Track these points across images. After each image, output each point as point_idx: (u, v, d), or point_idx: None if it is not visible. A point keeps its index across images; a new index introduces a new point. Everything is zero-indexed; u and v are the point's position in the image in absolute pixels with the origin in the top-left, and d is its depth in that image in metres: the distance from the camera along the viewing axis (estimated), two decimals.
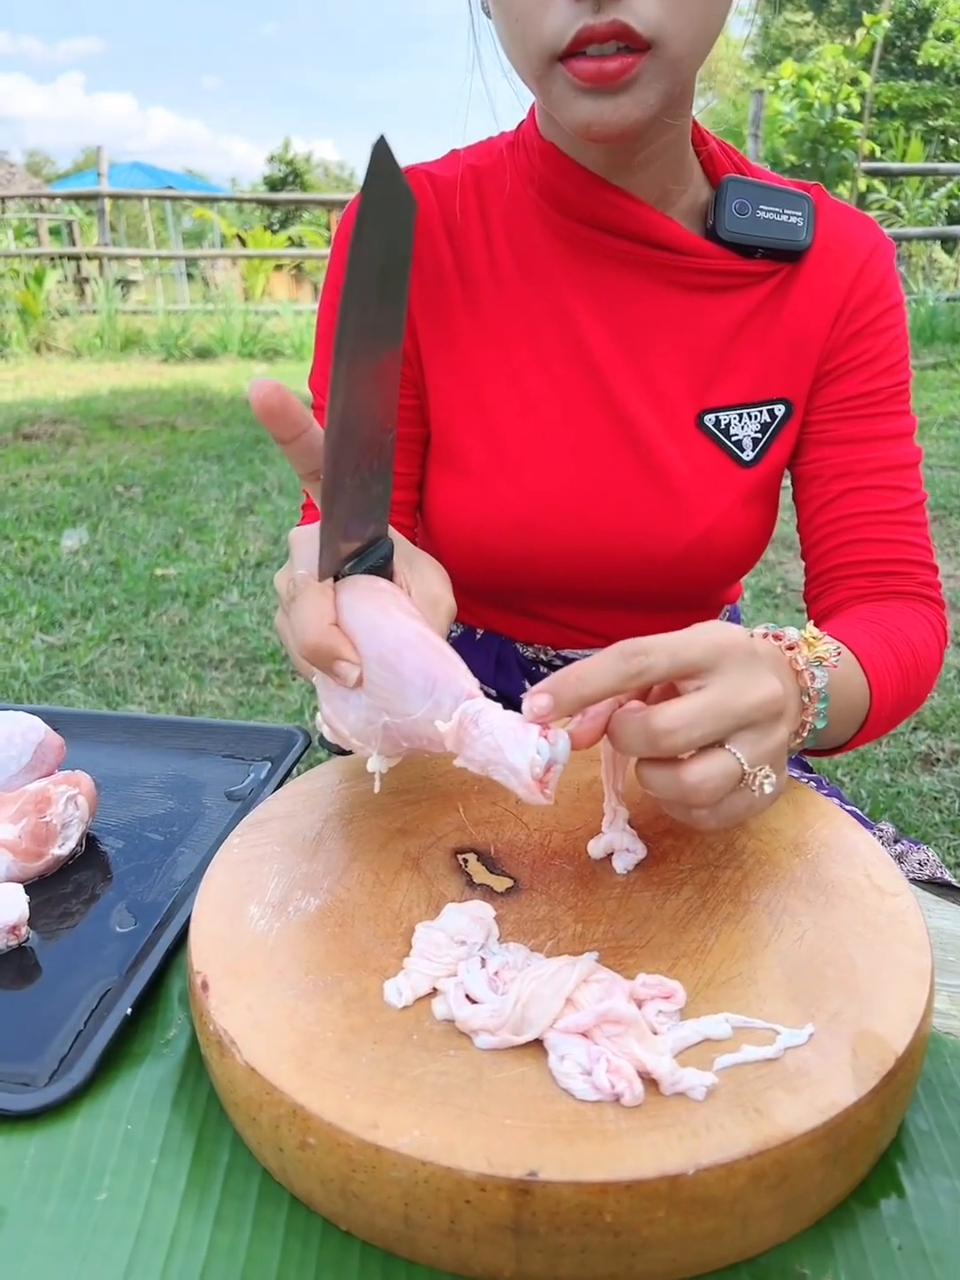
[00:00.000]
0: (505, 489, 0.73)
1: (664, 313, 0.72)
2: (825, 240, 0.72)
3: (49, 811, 0.60)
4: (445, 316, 0.73)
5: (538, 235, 0.72)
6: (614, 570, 0.75)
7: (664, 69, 0.59)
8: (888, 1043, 0.40)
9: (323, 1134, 0.37)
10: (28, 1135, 0.43)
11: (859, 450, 0.74)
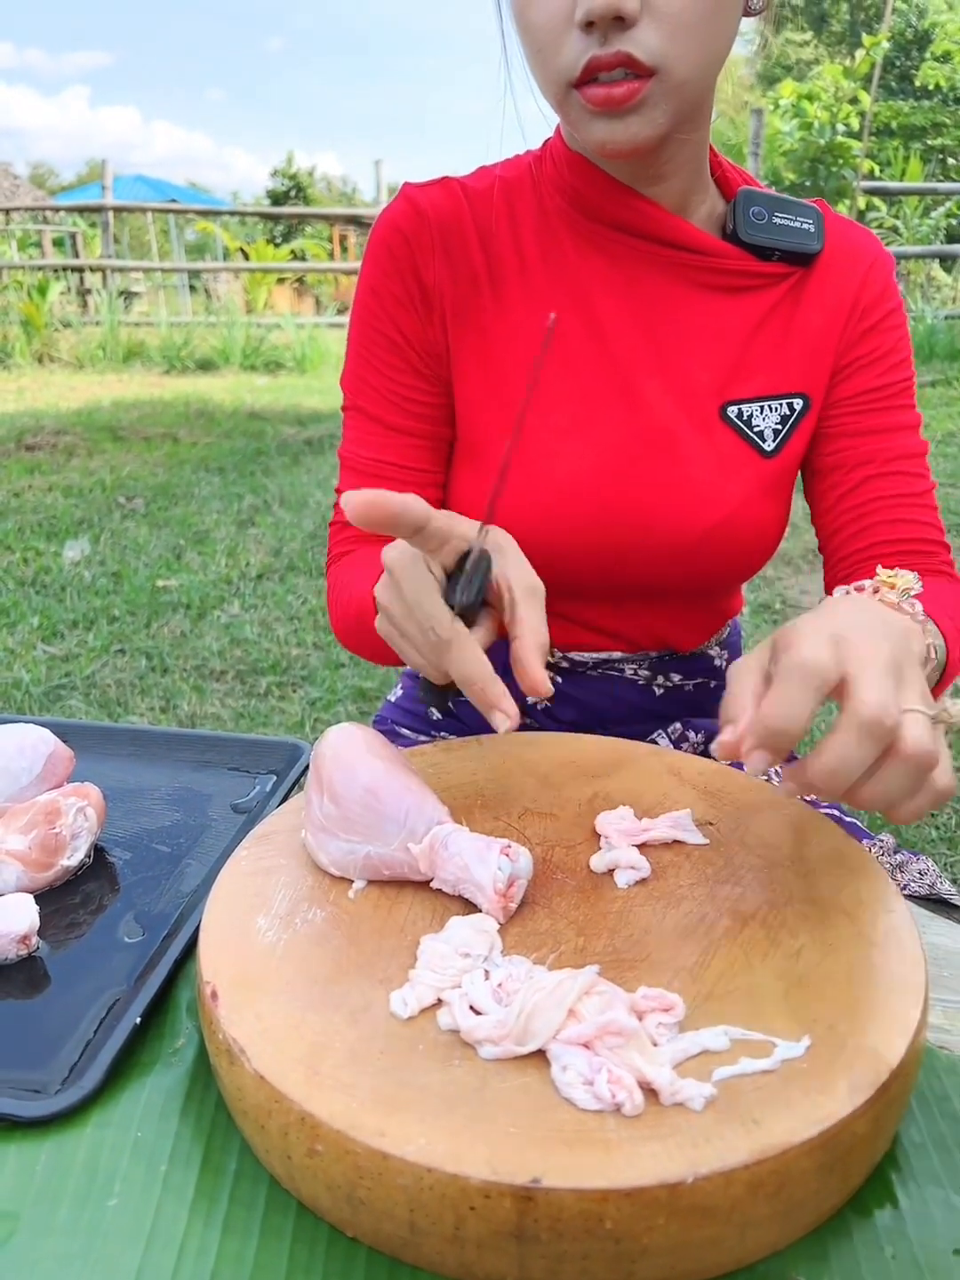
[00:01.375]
0: (531, 482, 0.75)
1: (687, 310, 0.76)
2: (834, 246, 0.77)
3: (58, 823, 0.61)
4: (475, 316, 0.76)
5: (565, 239, 0.76)
6: (634, 558, 0.77)
7: (669, 91, 0.64)
8: (882, 1056, 0.41)
9: (330, 1141, 0.38)
10: (39, 1142, 0.44)
11: (878, 440, 0.78)
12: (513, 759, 0.66)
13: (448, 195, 0.76)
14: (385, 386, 0.78)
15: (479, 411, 0.77)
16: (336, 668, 2.46)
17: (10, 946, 0.54)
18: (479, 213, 0.76)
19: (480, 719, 0.89)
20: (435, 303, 0.76)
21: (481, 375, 0.77)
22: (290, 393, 6.85)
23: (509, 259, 0.76)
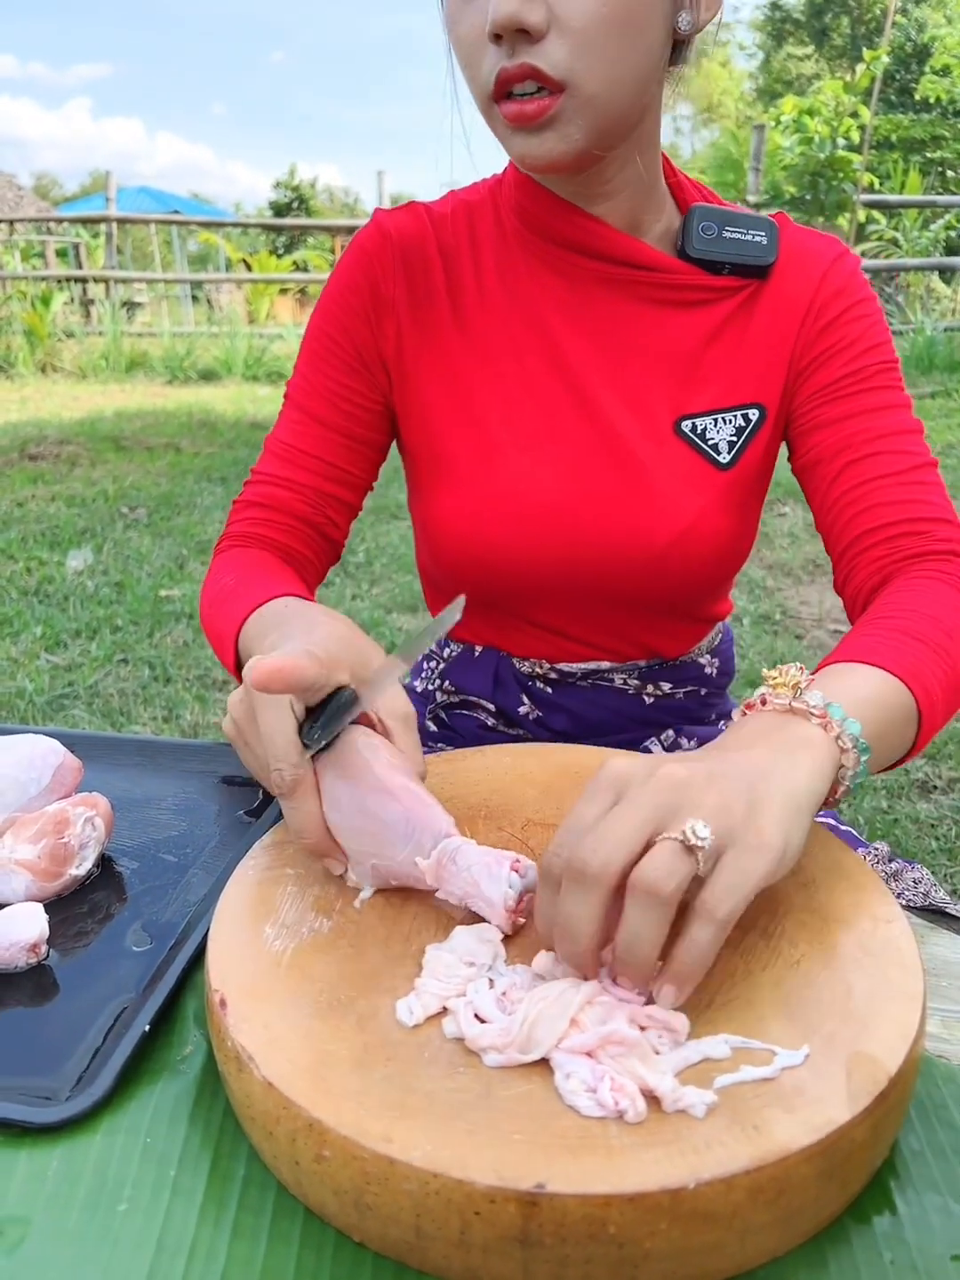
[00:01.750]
0: (496, 496, 0.77)
1: (639, 327, 0.77)
2: (789, 255, 0.77)
3: (67, 833, 0.62)
4: (436, 334, 0.78)
5: (521, 260, 0.78)
6: (601, 570, 0.78)
7: (581, 107, 0.64)
8: (881, 1063, 0.42)
9: (338, 1147, 0.39)
10: (50, 1148, 0.45)
11: (853, 424, 0.74)
12: (514, 770, 0.66)
13: (413, 219, 0.78)
14: (322, 384, 0.80)
15: (444, 428, 0.79)
16: None
17: (20, 955, 0.55)
18: (442, 235, 0.78)
19: (473, 732, 0.91)
20: (389, 318, 0.78)
21: (445, 393, 0.78)
22: None
23: (469, 280, 0.78)
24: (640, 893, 0.42)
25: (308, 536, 0.83)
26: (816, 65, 25.01)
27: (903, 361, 3.30)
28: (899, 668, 0.59)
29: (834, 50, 24.84)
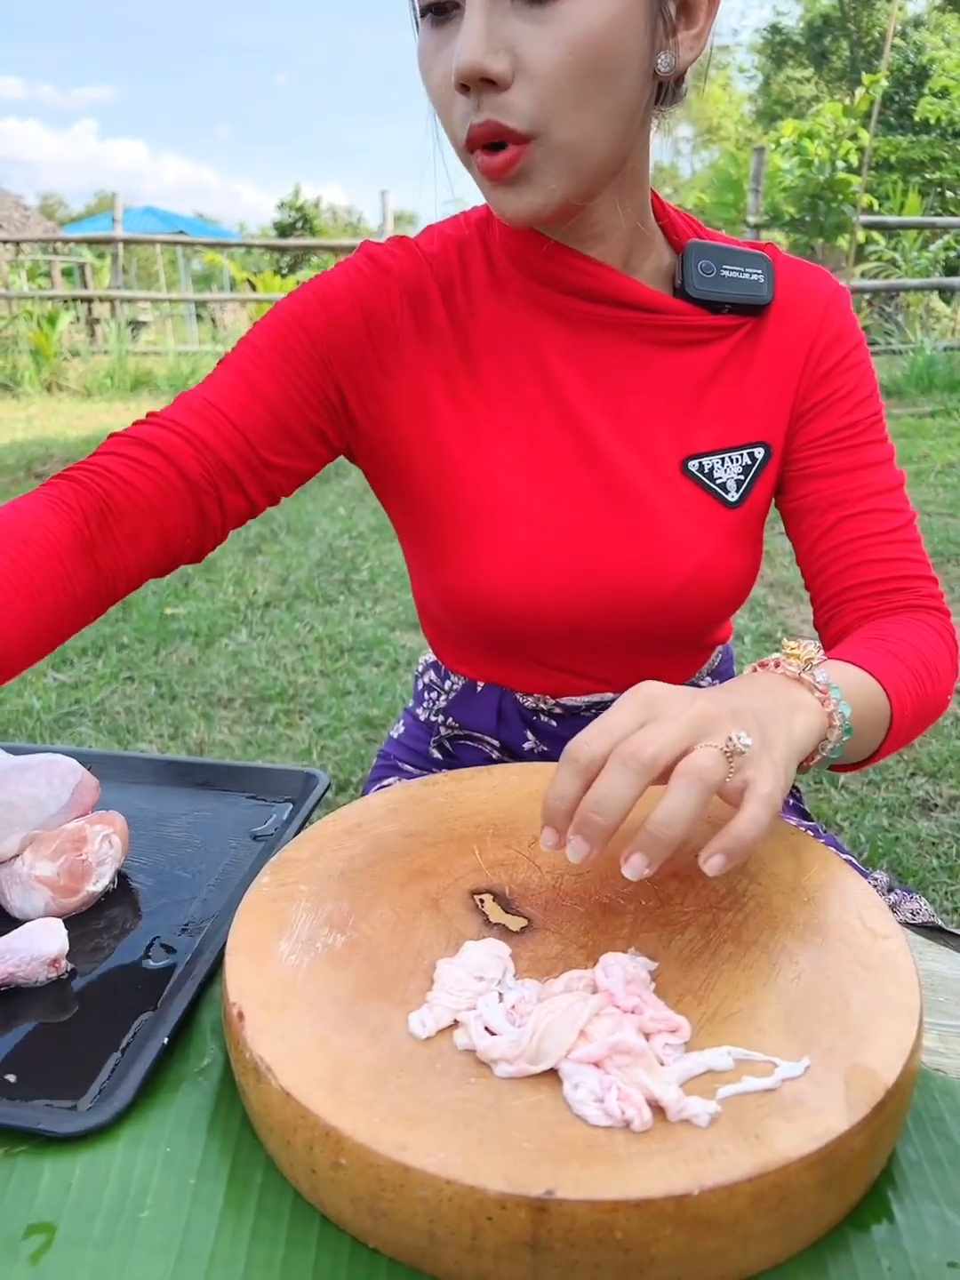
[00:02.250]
0: (501, 547, 0.75)
1: (641, 368, 0.76)
2: (785, 294, 0.77)
3: (85, 850, 0.64)
4: (444, 377, 0.75)
5: (517, 304, 0.75)
6: (611, 614, 0.77)
7: (554, 155, 0.63)
8: (879, 1075, 0.43)
9: (354, 1155, 0.40)
10: (73, 1157, 0.46)
11: (849, 479, 0.77)
12: (522, 789, 0.68)
13: (409, 254, 0.75)
14: (277, 362, 0.71)
15: (447, 479, 0.76)
16: (343, 695, 2.48)
17: (41, 969, 0.56)
18: (439, 274, 0.75)
19: (477, 763, 0.91)
20: (389, 351, 0.74)
21: (454, 439, 0.76)
22: None
23: (468, 321, 0.75)
24: (688, 777, 0.49)
25: (180, 499, 0.68)
26: (816, 88, 25.24)
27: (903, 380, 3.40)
28: (884, 679, 0.67)
29: (833, 73, 25.07)
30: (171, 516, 0.68)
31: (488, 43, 0.58)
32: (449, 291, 0.75)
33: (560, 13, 0.59)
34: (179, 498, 0.68)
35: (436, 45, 0.63)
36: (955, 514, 3.98)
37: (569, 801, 0.51)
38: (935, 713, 0.75)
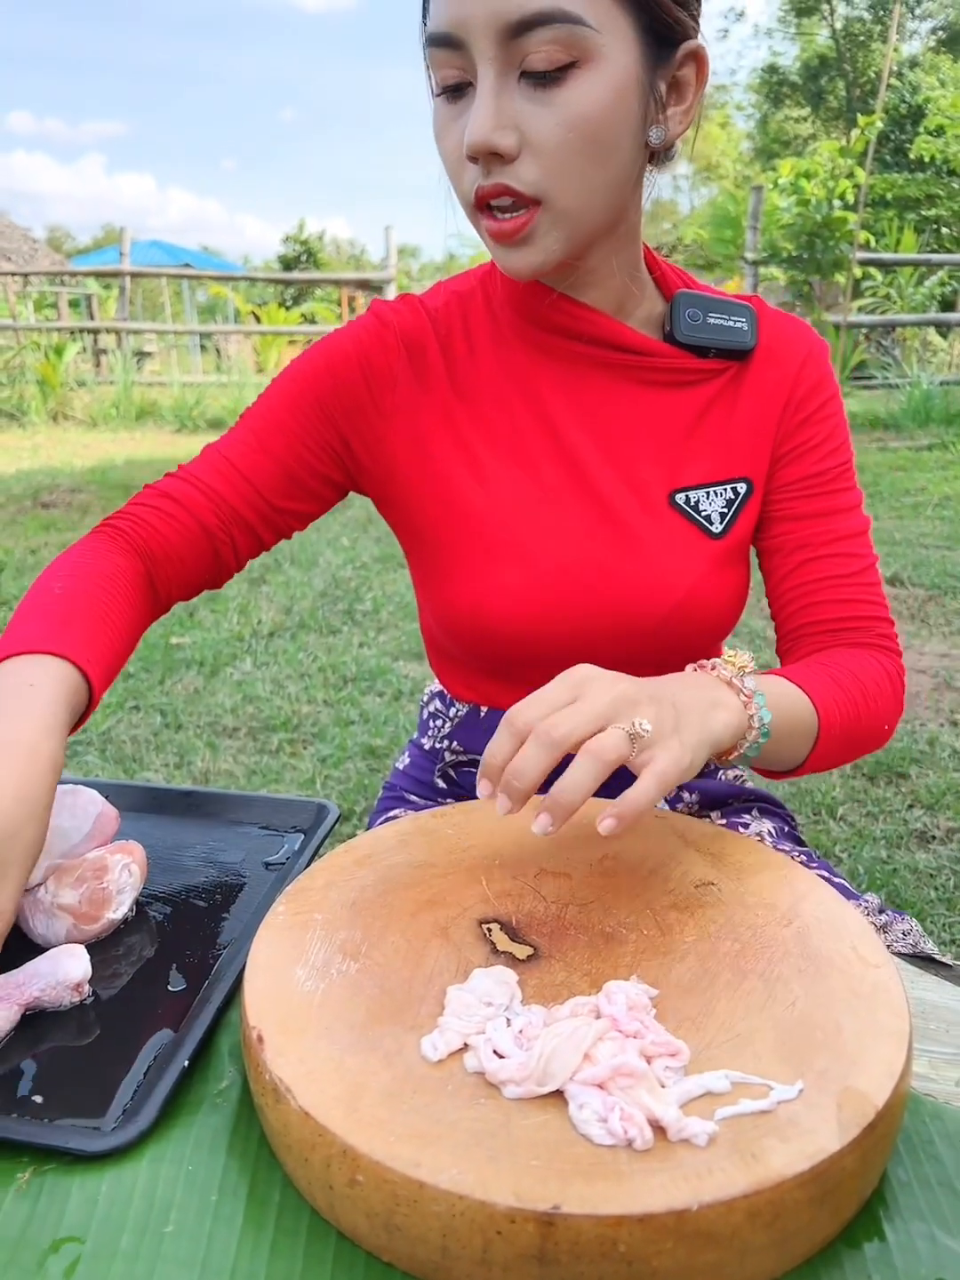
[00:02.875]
0: (501, 573, 0.80)
1: (632, 407, 0.81)
2: (768, 341, 0.83)
3: (106, 879, 0.66)
4: (441, 418, 0.81)
5: (517, 346, 0.82)
6: (604, 639, 0.82)
7: (558, 219, 0.69)
8: (869, 1098, 0.46)
9: (370, 1172, 0.43)
10: (100, 1175, 0.48)
11: (816, 524, 0.84)
12: (527, 821, 0.70)
13: (412, 312, 0.82)
14: (286, 421, 0.81)
15: (449, 512, 0.81)
16: (347, 725, 2.50)
17: (65, 993, 0.58)
18: (438, 326, 0.82)
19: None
20: (388, 396, 0.81)
21: (462, 480, 0.81)
22: None
23: (466, 366, 0.82)
24: (590, 755, 0.57)
25: (198, 545, 0.81)
26: (813, 126, 25.66)
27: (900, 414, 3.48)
28: (815, 696, 0.74)
29: (830, 112, 25.50)
30: (194, 557, 0.81)
31: (496, 120, 0.65)
32: (448, 339, 0.82)
33: (562, 96, 0.65)
34: (199, 543, 0.81)
35: (450, 117, 0.69)
36: (953, 547, 4.02)
37: (500, 760, 0.59)
38: (871, 739, 0.81)
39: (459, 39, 0.65)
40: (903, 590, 3.49)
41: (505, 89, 0.65)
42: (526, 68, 0.65)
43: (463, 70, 0.67)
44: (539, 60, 0.64)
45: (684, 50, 0.69)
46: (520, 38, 0.64)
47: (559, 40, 0.64)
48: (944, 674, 2.80)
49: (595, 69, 0.65)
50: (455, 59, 0.66)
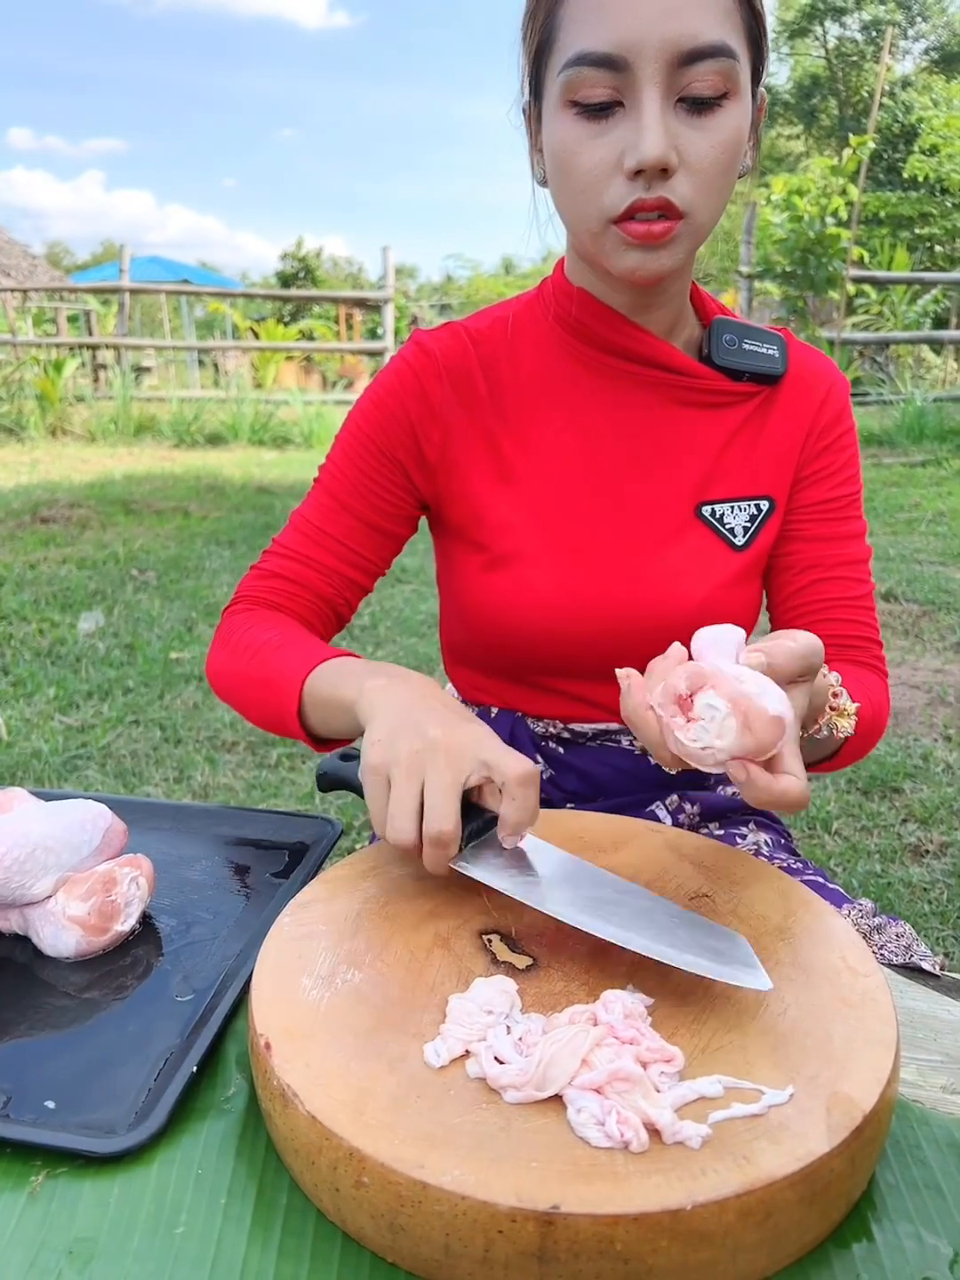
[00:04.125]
0: (535, 575, 0.85)
1: (668, 424, 0.86)
2: (797, 370, 0.88)
3: (115, 891, 0.68)
4: (482, 435, 0.86)
5: (562, 363, 0.87)
6: (626, 643, 0.85)
7: (693, 231, 0.75)
8: (857, 1102, 0.47)
9: (376, 1173, 0.44)
10: (112, 1177, 0.50)
11: (826, 546, 0.89)
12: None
13: (452, 337, 0.87)
14: (354, 476, 0.88)
15: (486, 514, 0.86)
16: None
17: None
18: (481, 349, 0.87)
19: None
20: (435, 424, 0.86)
21: (490, 487, 0.86)
22: (298, 467, 7.03)
23: (509, 385, 0.86)
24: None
25: (323, 613, 0.91)
26: (806, 144, 25.89)
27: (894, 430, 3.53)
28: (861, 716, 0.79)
29: (822, 130, 25.74)
30: (321, 622, 0.91)
31: (667, 139, 0.69)
32: (491, 362, 0.87)
33: (715, 122, 0.71)
34: (322, 611, 0.91)
35: (591, 135, 0.72)
36: (946, 563, 4.05)
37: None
38: (868, 748, 0.89)
39: (624, 60, 0.68)
40: (897, 606, 3.52)
41: (666, 111, 0.69)
42: (688, 94, 0.69)
43: (616, 90, 0.70)
44: (703, 88, 0.69)
45: (759, 91, 0.77)
46: (688, 66, 0.68)
47: (721, 72, 0.69)
48: (938, 689, 2.82)
49: (739, 100, 0.71)
50: (611, 79, 0.69)
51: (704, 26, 0.68)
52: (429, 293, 28.90)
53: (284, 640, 0.82)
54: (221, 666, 0.87)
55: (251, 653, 0.83)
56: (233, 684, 0.86)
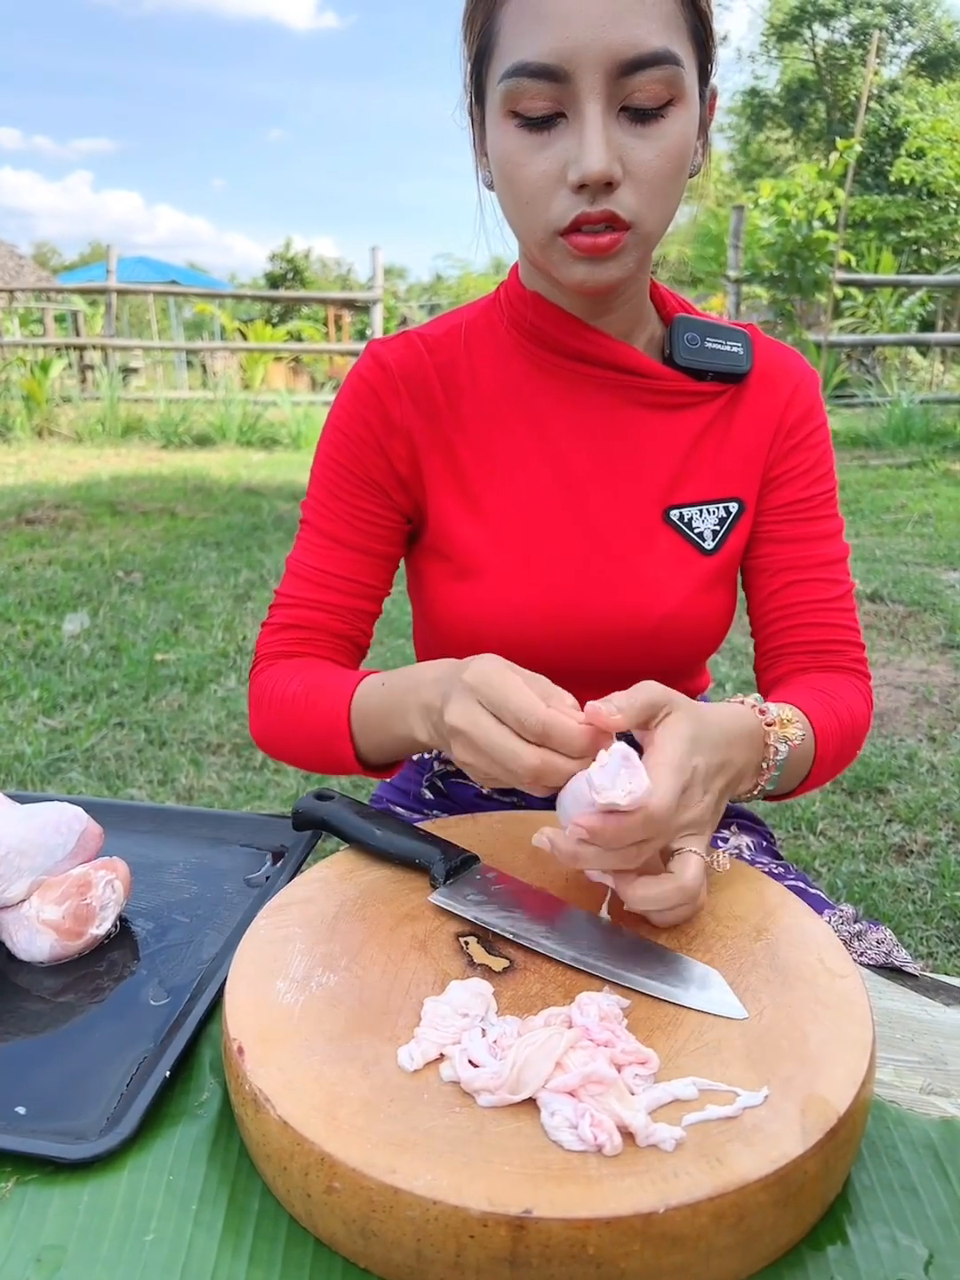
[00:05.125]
0: (502, 586, 0.83)
1: (632, 427, 0.84)
2: (762, 367, 0.87)
3: (90, 894, 0.67)
4: (443, 446, 0.85)
5: (520, 369, 0.85)
6: (598, 650, 0.85)
7: (640, 241, 0.73)
8: (832, 1104, 0.47)
9: (347, 1179, 0.44)
10: (82, 1183, 0.49)
11: (801, 548, 0.87)
12: (505, 836, 0.72)
13: (407, 346, 0.85)
14: (338, 508, 0.86)
15: (455, 528, 0.85)
16: None
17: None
18: (437, 357, 0.85)
19: (469, 800, 0.96)
20: (400, 439, 0.84)
21: (455, 497, 0.85)
22: (286, 468, 7.01)
23: (468, 393, 0.85)
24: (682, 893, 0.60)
25: (343, 648, 0.89)
26: (794, 148, 25.99)
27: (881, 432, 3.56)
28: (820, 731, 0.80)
29: (811, 134, 25.85)
30: (344, 657, 0.90)
31: (610, 152, 0.68)
32: (449, 370, 0.85)
33: (660, 130, 0.69)
34: (342, 647, 0.89)
35: (534, 147, 0.70)
36: (932, 564, 4.07)
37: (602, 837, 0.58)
38: (846, 765, 0.88)
39: (564, 71, 0.66)
40: (882, 607, 3.53)
41: (608, 122, 0.68)
42: (630, 103, 0.68)
43: (557, 102, 0.68)
44: (645, 98, 0.68)
45: (709, 88, 0.75)
46: (630, 75, 0.66)
47: (664, 79, 0.67)
48: (922, 690, 2.83)
49: (685, 106, 0.70)
50: (551, 90, 0.67)
51: (645, 34, 0.66)
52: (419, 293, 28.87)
53: (315, 683, 0.82)
54: (266, 728, 0.87)
55: (289, 705, 0.83)
56: (280, 740, 0.86)
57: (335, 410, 0.87)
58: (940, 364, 10.91)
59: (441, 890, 0.64)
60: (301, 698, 0.82)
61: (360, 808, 0.73)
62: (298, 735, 0.84)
